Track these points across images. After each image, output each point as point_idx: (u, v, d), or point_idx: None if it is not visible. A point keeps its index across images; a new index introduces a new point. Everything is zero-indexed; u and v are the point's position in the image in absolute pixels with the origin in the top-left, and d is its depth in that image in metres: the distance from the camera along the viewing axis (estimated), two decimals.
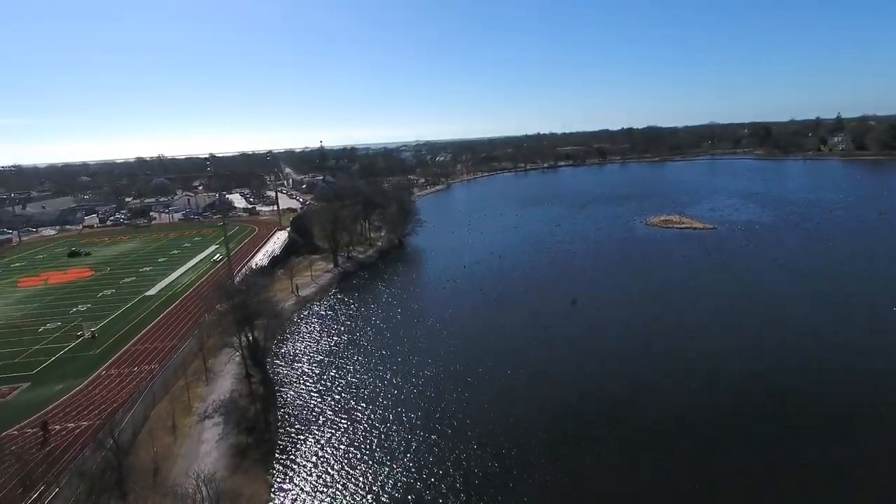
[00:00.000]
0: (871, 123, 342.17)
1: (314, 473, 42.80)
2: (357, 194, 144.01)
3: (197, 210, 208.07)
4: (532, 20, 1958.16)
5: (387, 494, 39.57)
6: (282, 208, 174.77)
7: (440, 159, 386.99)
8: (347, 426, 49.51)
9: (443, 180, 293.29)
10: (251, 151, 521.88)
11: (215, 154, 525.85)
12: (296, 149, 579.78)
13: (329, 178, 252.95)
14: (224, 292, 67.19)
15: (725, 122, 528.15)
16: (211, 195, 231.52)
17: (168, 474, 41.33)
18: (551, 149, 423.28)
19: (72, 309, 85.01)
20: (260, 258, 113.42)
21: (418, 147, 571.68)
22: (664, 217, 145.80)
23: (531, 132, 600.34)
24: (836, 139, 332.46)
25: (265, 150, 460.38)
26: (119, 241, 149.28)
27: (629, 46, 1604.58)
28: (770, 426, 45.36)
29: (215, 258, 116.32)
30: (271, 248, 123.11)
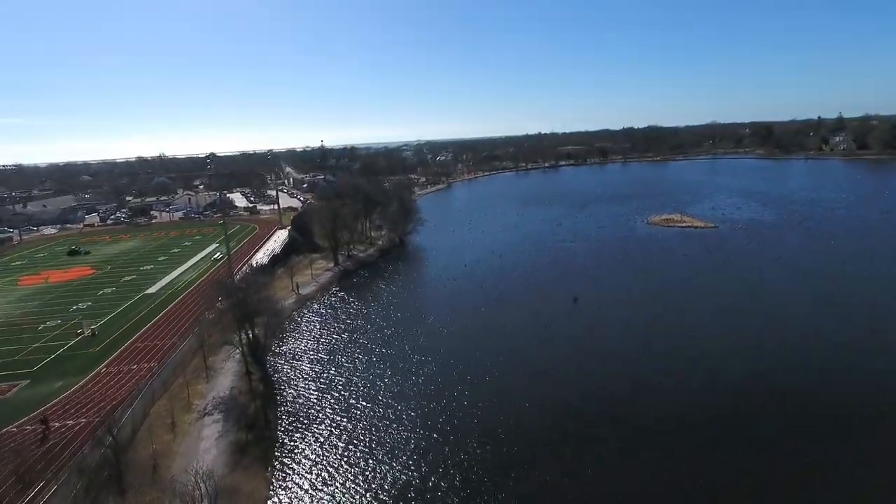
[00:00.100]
0: (873, 123, 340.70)
1: (313, 471, 42.70)
2: (358, 193, 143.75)
3: (198, 209, 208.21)
4: (533, 20, 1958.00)
5: (385, 492, 39.45)
6: (282, 207, 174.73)
7: (441, 158, 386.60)
8: (347, 424, 49.41)
9: (444, 179, 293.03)
10: (252, 151, 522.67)
11: (216, 153, 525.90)
12: (297, 148, 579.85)
13: (329, 178, 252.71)
14: (224, 290, 67.17)
15: (727, 122, 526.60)
16: (212, 194, 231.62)
17: (167, 471, 41.20)
18: (552, 148, 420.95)
19: (72, 307, 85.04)
20: (260, 257, 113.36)
21: (419, 147, 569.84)
22: (665, 216, 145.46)
23: (532, 132, 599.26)
24: (838, 139, 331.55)
25: (266, 150, 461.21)
26: (120, 240, 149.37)
27: (630, 46, 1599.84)
28: (771, 426, 45.17)
29: (216, 256, 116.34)
30: (272, 247, 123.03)
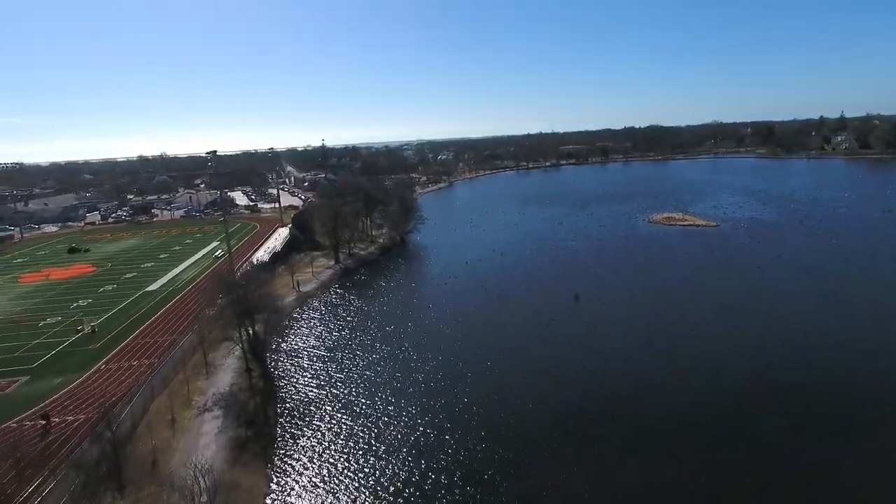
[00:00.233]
0: (875, 122, 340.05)
1: (313, 467, 42.54)
2: (359, 191, 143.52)
3: (199, 207, 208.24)
4: (533, 20, 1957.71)
5: (385, 489, 39.26)
6: (283, 206, 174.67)
7: (442, 157, 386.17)
8: (347, 420, 49.23)
9: (445, 178, 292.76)
10: (253, 150, 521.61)
11: (217, 152, 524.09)
12: (298, 147, 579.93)
13: (331, 176, 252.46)
14: (225, 286, 66.99)
15: (728, 121, 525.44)
16: (213, 193, 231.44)
17: (166, 466, 41.08)
18: (553, 147, 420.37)
19: (73, 304, 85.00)
20: (261, 254, 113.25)
21: (420, 146, 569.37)
22: (667, 214, 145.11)
23: (533, 131, 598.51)
24: (840, 138, 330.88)
25: (267, 149, 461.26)
26: (121, 238, 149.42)
27: (631, 46, 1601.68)
28: (773, 425, 44.85)
29: (217, 254, 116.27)
30: (272, 245, 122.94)
